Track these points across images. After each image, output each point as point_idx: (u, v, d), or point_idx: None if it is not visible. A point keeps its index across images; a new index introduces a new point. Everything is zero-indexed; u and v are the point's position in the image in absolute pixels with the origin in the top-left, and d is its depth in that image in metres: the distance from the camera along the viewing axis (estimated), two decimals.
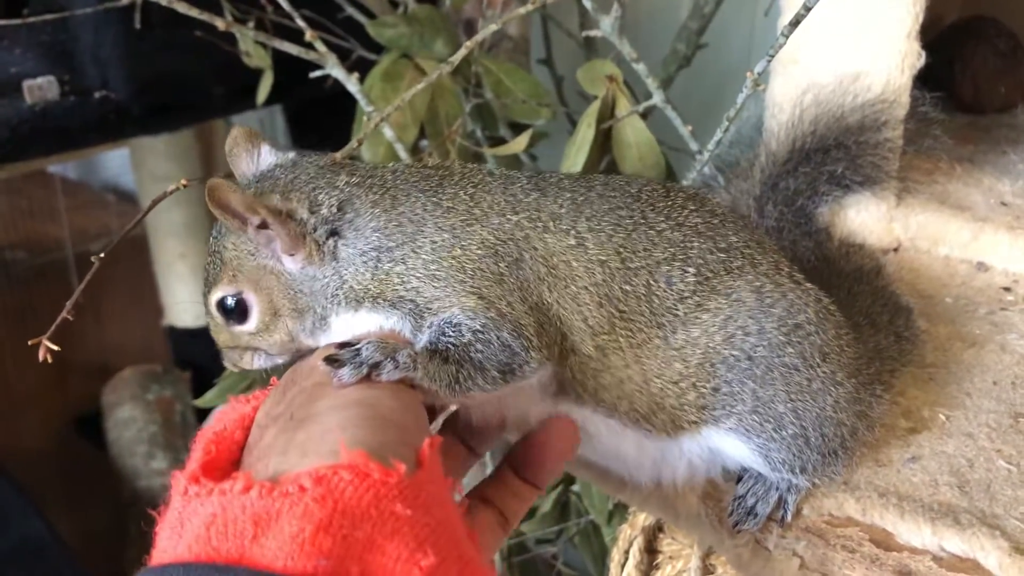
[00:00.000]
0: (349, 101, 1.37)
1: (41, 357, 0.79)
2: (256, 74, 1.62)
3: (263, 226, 0.71)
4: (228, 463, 0.61)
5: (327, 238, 0.73)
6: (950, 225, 1.16)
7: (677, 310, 0.76)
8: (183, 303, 2.47)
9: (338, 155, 0.80)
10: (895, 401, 0.92)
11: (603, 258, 0.76)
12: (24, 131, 1.54)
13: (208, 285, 0.75)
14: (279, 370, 0.78)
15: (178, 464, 2.28)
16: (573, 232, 0.76)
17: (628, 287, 0.76)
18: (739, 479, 0.84)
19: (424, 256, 0.72)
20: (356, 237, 0.73)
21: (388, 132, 1.30)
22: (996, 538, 0.77)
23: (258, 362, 0.77)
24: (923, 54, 1.10)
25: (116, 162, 2.85)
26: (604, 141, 1.35)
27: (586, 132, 1.33)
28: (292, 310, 0.74)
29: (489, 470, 0.87)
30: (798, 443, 0.78)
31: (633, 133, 1.33)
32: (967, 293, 1.10)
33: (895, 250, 1.18)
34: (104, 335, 2.61)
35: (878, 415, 0.84)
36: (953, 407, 0.92)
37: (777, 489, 0.81)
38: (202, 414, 2.44)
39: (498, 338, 0.70)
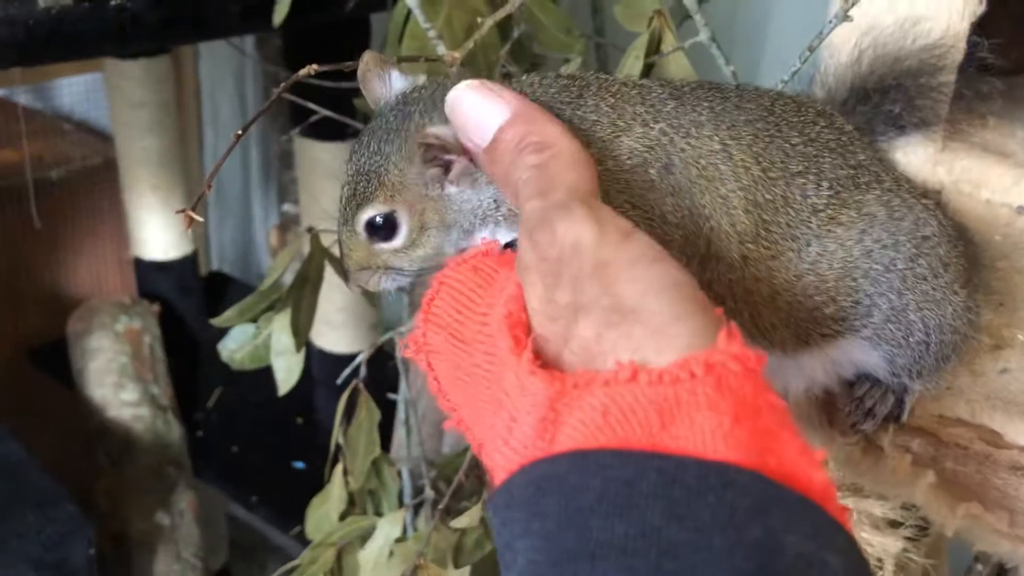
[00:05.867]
0: (361, 34, 1.32)
1: None
2: None
3: (436, 157, 0.70)
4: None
5: None
6: (993, 171, 1.21)
7: (811, 223, 0.79)
8: (153, 235, 2.42)
9: None
10: None
11: (747, 164, 0.77)
12: (40, 34, 1.48)
13: (357, 202, 0.74)
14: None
15: (147, 396, 2.23)
16: (716, 138, 0.77)
17: (768, 196, 0.77)
18: (851, 383, 0.87)
19: None
20: None
21: (441, 49, 1.28)
22: None
23: (385, 283, 0.76)
24: (984, 1, 1.15)
25: (73, 89, 2.76)
26: (644, 76, 1.37)
27: (633, 64, 1.33)
28: (440, 224, 0.74)
29: None
30: (920, 349, 0.82)
31: (677, 70, 1.34)
32: (1012, 233, 1.16)
33: (938, 192, 1.23)
34: (60, 266, 2.53)
35: (980, 325, 0.88)
36: None
37: (893, 392, 0.85)
38: (171, 347, 2.39)
39: None
